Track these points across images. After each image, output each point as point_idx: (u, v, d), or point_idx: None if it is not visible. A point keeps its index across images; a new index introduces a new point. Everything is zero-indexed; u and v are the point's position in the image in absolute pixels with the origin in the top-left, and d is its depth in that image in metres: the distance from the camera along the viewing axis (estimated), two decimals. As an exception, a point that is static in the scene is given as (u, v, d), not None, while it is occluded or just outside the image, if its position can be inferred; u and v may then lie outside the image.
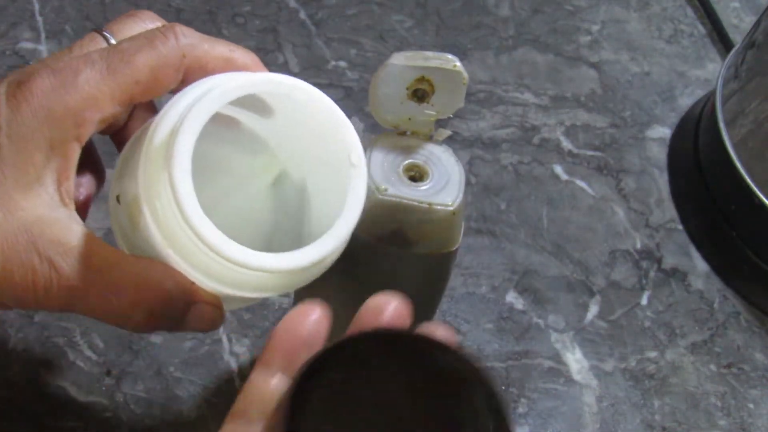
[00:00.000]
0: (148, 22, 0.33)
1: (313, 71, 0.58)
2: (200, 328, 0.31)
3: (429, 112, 0.33)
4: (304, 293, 0.39)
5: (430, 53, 0.32)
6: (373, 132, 0.56)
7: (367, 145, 0.34)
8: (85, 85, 0.29)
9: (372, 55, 0.60)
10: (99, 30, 0.32)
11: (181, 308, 0.30)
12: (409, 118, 0.34)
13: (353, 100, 0.57)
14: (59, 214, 0.29)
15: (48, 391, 0.42)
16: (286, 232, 0.33)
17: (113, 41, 0.32)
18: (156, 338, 0.46)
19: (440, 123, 0.35)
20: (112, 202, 0.32)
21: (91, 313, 0.29)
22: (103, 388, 0.43)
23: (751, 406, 0.51)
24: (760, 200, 0.52)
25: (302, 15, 0.61)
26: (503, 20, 0.66)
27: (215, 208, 0.30)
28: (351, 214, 0.30)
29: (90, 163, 0.34)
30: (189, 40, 0.31)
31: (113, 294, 0.29)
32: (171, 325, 0.30)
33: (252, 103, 0.32)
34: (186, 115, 0.28)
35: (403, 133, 0.34)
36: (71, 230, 0.29)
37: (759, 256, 0.54)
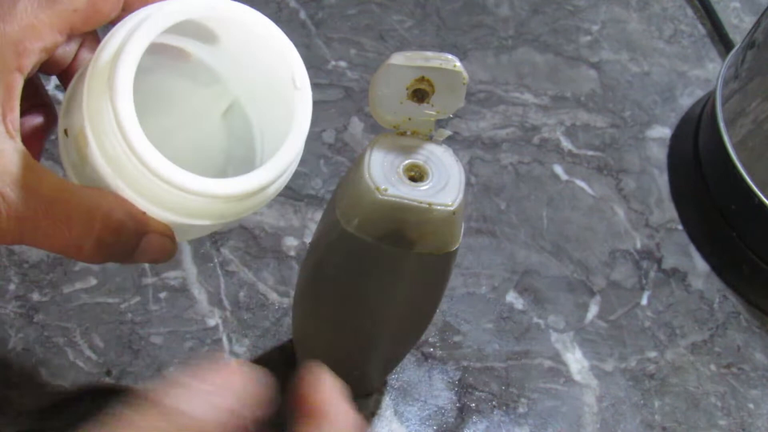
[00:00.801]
0: None
1: (313, 71, 0.58)
2: (152, 259, 0.31)
3: (429, 112, 0.33)
4: (307, 294, 0.39)
5: (430, 53, 0.32)
6: (373, 132, 0.56)
7: (367, 146, 0.34)
8: (23, 13, 0.29)
9: (372, 55, 0.60)
10: None
11: (132, 238, 0.30)
12: (409, 118, 0.34)
13: (353, 100, 0.57)
14: (5, 146, 0.29)
15: (48, 391, 0.42)
16: (240, 162, 0.33)
17: None
18: (156, 338, 0.46)
19: (440, 123, 0.35)
20: (60, 136, 0.31)
21: (41, 244, 0.29)
22: (103, 388, 0.43)
23: (751, 406, 0.51)
24: (760, 200, 0.52)
25: (302, 15, 0.61)
26: (503, 20, 0.66)
27: (168, 139, 0.30)
28: (296, 138, 0.30)
29: (39, 101, 0.34)
30: None
31: (64, 224, 0.29)
32: (122, 255, 0.30)
33: (199, 32, 0.32)
34: (125, 41, 0.28)
35: (403, 133, 0.34)
36: (19, 161, 0.29)
37: (759, 256, 0.54)
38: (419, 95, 0.33)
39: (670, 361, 0.52)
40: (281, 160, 0.30)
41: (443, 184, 0.33)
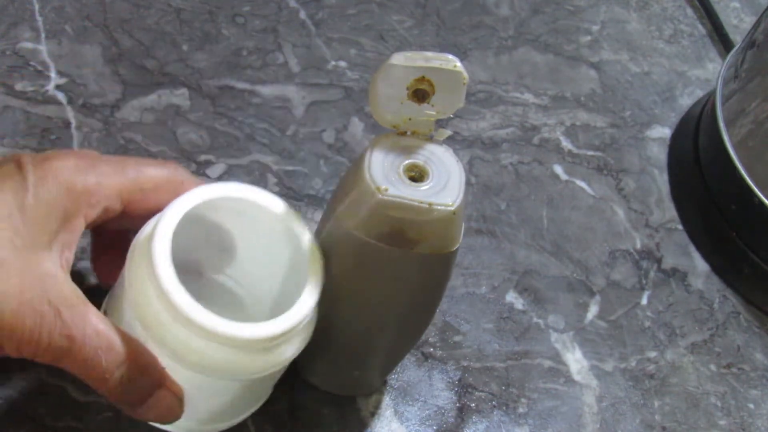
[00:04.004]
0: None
1: (313, 71, 0.58)
2: (158, 415, 0.34)
3: (429, 112, 0.33)
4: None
5: (430, 53, 0.32)
6: (373, 132, 0.56)
7: (368, 146, 0.34)
8: (102, 173, 0.33)
9: (372, 55, 0.60)
10: None
11: (150, 385, 0.33)
12: (409, 118, 0.34)
13: (353, 100, 0.57)
14: (58, 274, 0.32)
15: (48, 391, 0.42)
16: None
17: None
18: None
19: (440, 123, 0.35)
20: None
21: (77, 367, 0.32)
22: (103, 388, 0.43)
23: (751, 406, 0.51)
24: (760, 200, 0.52)
25: (302, 15, 0.61)
26: (503, 20, 0.66)
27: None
28: (307, 299, 0.34)
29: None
30: (188, 177, 0.36)
31: (103, 352, 0.32)
32: (137, 398, 0.34)
33: (228, 206, 0.36)
34: (159, 220, 0.33)
35: (403, 133, 0.34)
36: (75, 291, 0.32)
37: (759, 256, 0.54)
38: (419, 95, 0.33)
39: (670, 361, 0.52)
40: (291, 315, 0.33)
41: (443, 184, 0.33)
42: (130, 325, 0.33)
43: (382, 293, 0.36)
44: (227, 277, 0.42)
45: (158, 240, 0.32)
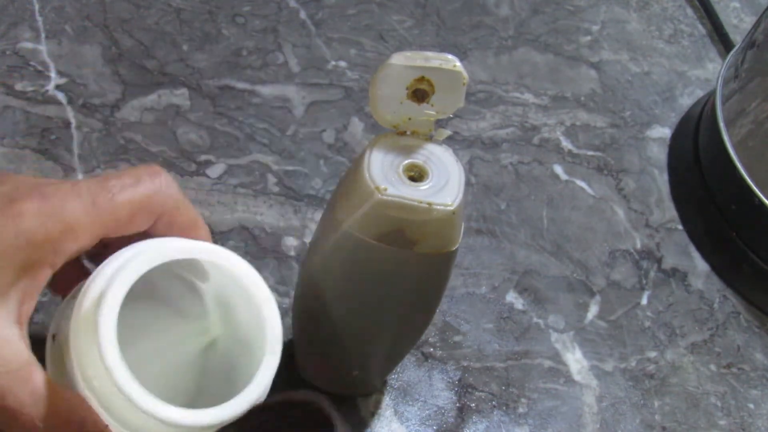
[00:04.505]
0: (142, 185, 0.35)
1: (313, 71, 0.58)
2: None
3: (429, 112, 0.33)
4: (307, 294, 0.39)
5: (430, 53, 0.32)
6: (373, 132, 0.56)
7: (367, 145, 0.34)
8: (69, 216, 0.30)
9: (372, 55, 0.60)
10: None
11: None
12: (409, 118, 0.34)
13: (353, 100, 0.57)
14: (10, 334, 0.30)
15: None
16: (211, 397, 0.35)
17: None
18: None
19: (440, 123, 0.35)
20: (48, 339, 0.33)
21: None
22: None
23: (751, 406, 0.51)
24: (760, 200, 0.52)
25: (302, 15, 0.61)
26: (503, 20, 0.66)
27: (144, 364, 0.32)
28: (250, 393, 0.32)
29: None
30: (170, 192, 0.33)
31: (42, 422, 0.30)
32: None
33: (191, 266, 0.34)
34: (111, 282, 0.30)
35: (403, 133, 0.34)
36: (18, 352, 0.30)
37: (759, 256, 0.54)
38: (419, 95, 0.33)
39: (670, 361, 0.52)
40: (233, 405, 0.31)
41: (443, 184, 0.33)
42: (73, 378, 0.32)
43: (382, 293, 0.36)
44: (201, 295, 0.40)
45: (104, 315, 0.30)
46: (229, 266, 0.32)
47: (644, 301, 0.54)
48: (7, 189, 0.31)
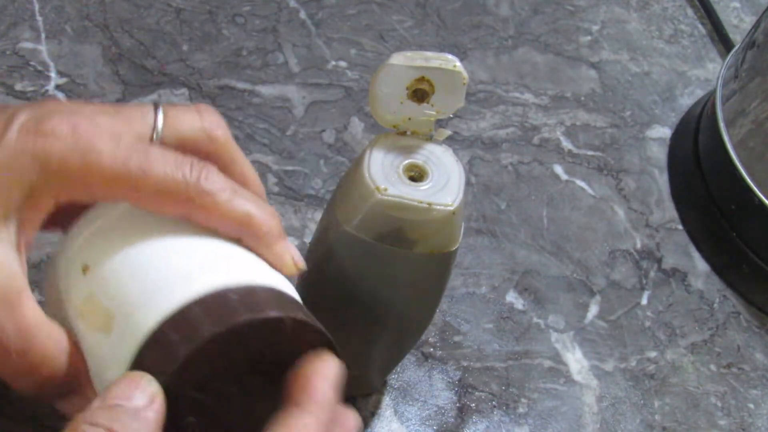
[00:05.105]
0: (205, 116, 0.32)
1: (313, 71, 0.58)
2: (69, 412, 0.31)
3: (429, 112, 0.33)
4: (306, 294, 0.39)
5: (430, 53, 0.32)
6: (373, 132, 0.56)
7: (367, 145, 0.34)
8: (94, 161, 0.28)
9: (372, 55, 0.60)
10: (155, 104, 0.32)
11: (66, 390, 0.30)
12: (409, 118, 0.34)
13: (353, 100, 0.57)
14: (9, 258, 0.28)
15: (48, 391, 0.42)
16: None
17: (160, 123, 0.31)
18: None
19: (440, 123, 0.35)
20: (73, 268, 0.31)
21: None
22: (103, 388, 0.43)
23: (751, 406, 0.51)
24: (760, 200, 0.52)
25: (302, 15, 0.61)
26: (503, 20, 0.66)
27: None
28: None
29: None
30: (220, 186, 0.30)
31: (18, 355, 0.28)
32: (46, 398, 0.31)
33: None
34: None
35: (403, 133, 0.34)
36: (13, 278, 0.28)
37: (759, 256, 0.54)
38: (419, 95, 0.33)
39: (670, 361, 0.52)
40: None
41: (443, 184, 0.33)
42: (65, 313, 0.30)
43: (382, 293, 0.36)
44: None
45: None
46: None
47: (644, 301, 0.54)
48: (42, 112, 0.29)
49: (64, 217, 0.31)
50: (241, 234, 0.30)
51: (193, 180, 0.29)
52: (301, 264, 0.31)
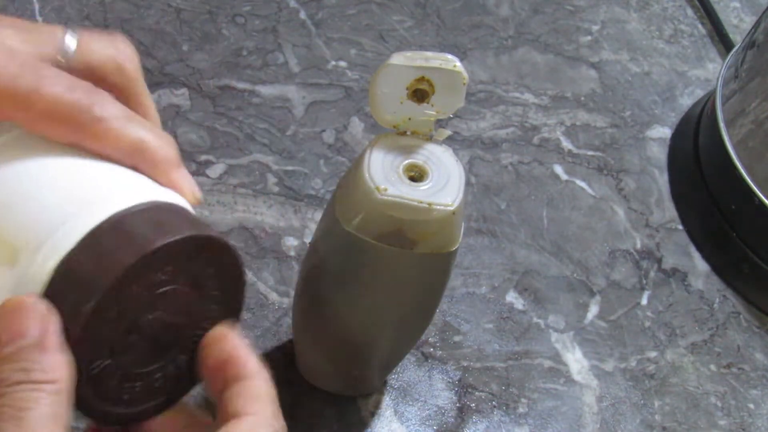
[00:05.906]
0: (119, 46, 0.31)
1: (313, 71, 0.58)
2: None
3: (429, 112, 0.34)
4: (307, 294, 0.39)
5: (430, 53, 0.33)
6: (373, 132, 0.56)
7: (367, 145, 0.34)
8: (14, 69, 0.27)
9: (372, 55, 0.60)
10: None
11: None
12: (409, 118, 0.34)
13: (353, 100, 0.57)
14: None
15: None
16: None
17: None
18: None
19: (440, 123, 0.35)
20: None
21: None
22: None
23: (751, 406, 0.51)
24: (760, 200, 0.52)
25: (302, 15, 0.61)
26: (503, 20, 0.66)
27: None
28: None
29: None
30: (112, 112, 0.28)
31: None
32: None
33: None
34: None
35: (403, 133, 0.34)
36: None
37: (759, 256, 0.54)
38: (419, 95, 0.33)
39: (670, 361, 0.52)
40: None
41: (443, 184, 0.33)
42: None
43: (382, 293, 0.36)
44: None
45: None
46: None
47: (644, 301, 0.54)
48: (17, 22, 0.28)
49: None
50: (136, 161, 0.29)
51: (85, 104, 0.28)
52: (198, 194, 0.30)
